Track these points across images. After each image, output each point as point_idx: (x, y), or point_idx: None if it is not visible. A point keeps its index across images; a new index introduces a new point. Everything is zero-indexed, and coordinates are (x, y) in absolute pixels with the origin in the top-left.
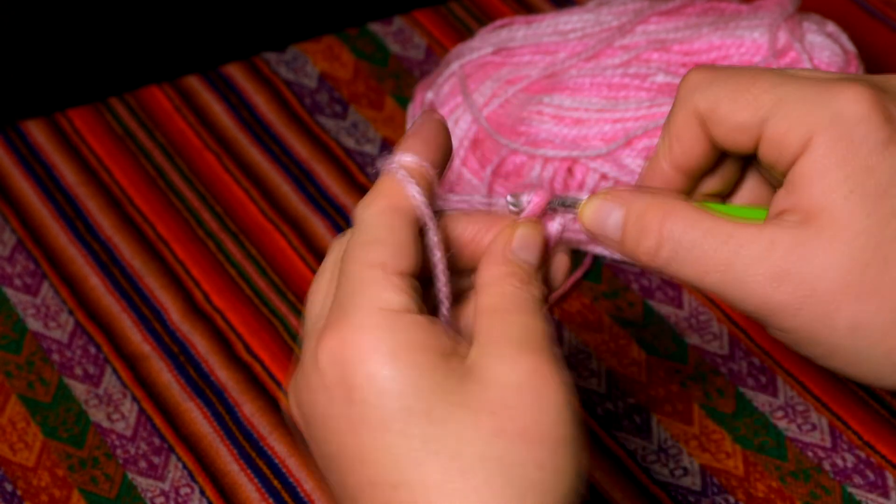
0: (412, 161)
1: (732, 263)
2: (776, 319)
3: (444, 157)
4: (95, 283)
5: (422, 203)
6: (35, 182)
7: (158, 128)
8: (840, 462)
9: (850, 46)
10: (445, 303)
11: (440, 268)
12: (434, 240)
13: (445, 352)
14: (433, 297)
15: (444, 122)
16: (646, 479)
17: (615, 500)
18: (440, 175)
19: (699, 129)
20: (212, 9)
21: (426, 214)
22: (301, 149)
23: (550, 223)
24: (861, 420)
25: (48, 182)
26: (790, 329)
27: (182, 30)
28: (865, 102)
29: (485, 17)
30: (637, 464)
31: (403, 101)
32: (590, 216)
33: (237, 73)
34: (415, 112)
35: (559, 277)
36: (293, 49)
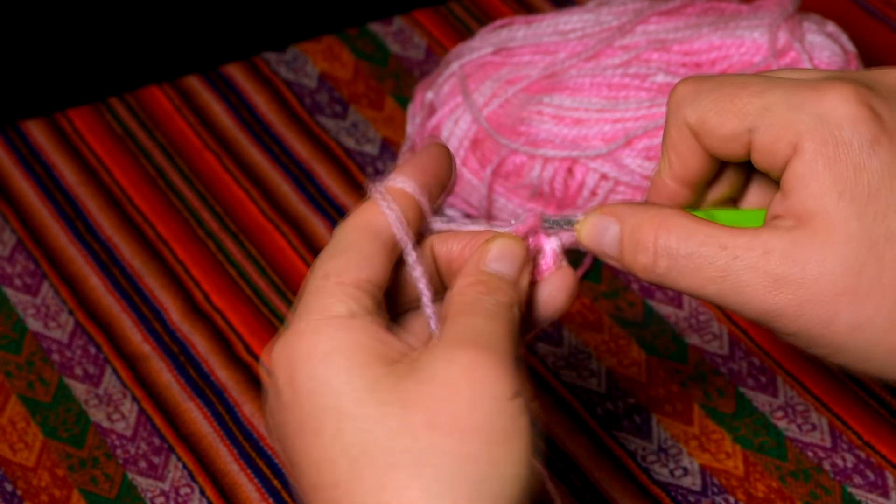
0: (398, 184)
1: (730, 272)
2: (779, 324)
3: (438, 183)
4: (95, 283)
5: (395, 219)
6: (35, 182)
7: (158, 128)
8: (840, 462)
9: (850, 46)
10: (434, 318)
11: (422, 284)
12: (411, 257)
13: (388, 354)
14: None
15: (445, 150)
16: (646, 479)
17: (615, 500)
18: (435, 199)
19: (693, 141)
20: (212, 9)
21: (400, 230)
22: (301, 149)
23: (547, 241)
24: (861, 420)
25: (48, 182)
26: (794, 332)
27: (182, 30)
28: (850, 102)
29: (485, 17)
30: (637, 464)
31: (403, 101)
32: (587, 233)
33: (237, 73)
34: (415, 112)
35: (560, 297)
36: (293, 49)
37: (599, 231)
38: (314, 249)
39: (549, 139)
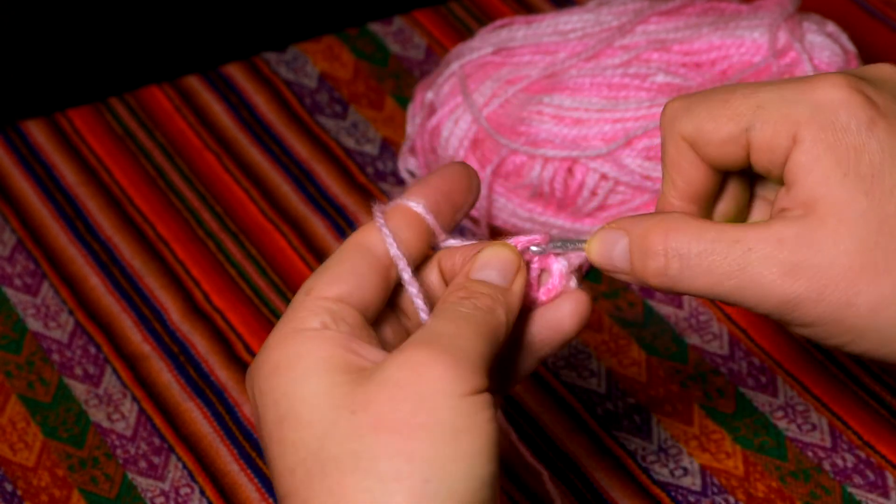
0: (404, 203)
1: (745, 266)
2: (798, 314)
3: (450, 203)
4: (95, 283)
5: (389, 238)
6: (35, 182)
7: (158, 128)
8: (840, 462)
9: (850, 46)
10: None
11: (418, 301)
12: (406, 274)
13: (356, 363)
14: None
15: (463, 171)
16: (646, 479)
17: (615, 500)
18: (448, 219)
19: (692, 154)
20: (212, 9)
21: (394, 248)
22: (301, 149)
23: (555, 261)
24: (861, 420)
25: (48, 182)
26: (813, 321)
27: (182, 30)
28: (843, 88)
29: (485, 17)
30: (637, 464)
31: (403, 101)
32: (597, 250)
33: (237, 73)
34: (415, 112)
35: (566, 321)
36: (293, 49)
37: (608, 247)
38: (314, 249)
39: (549, 139)
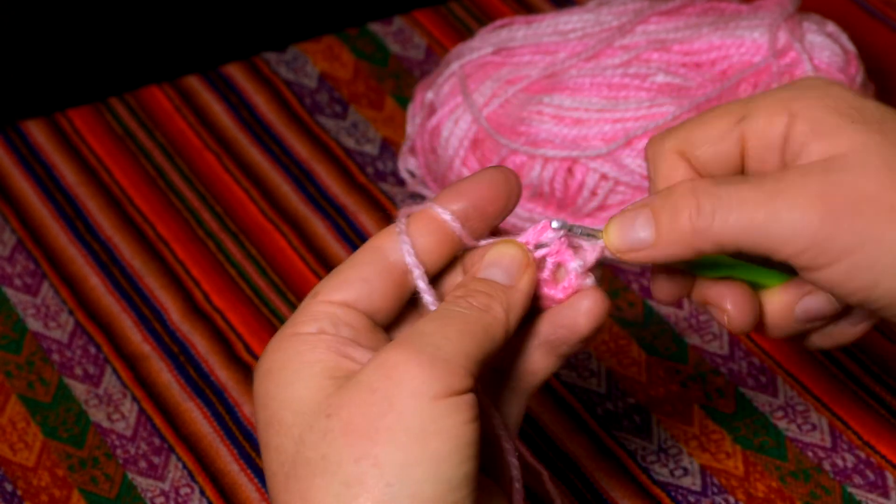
0: (431, 211)
1: (777, 193)
2: (829, 244)
3: (478, 210)
4: (95, 283)
5: (404, 244)
6: (35, 182)
7: (158, 128)
8: (840, 462)
9: (850, 46)
10: None
11: (434, 308)
12: (422, 282)
13: (348, 368)
14: None
15: (497, 177)
16: (646, 479)
17: (615, 500)
18: (477, 225)
19: (683, 164)
20: (212, 9)
21: (409, 256)
22: (301, 149)
23: (571, 259)
24: (861, 420)
25: (48, 182)
26: (841, 252)
27: (182, 30)
28: (826, 78)
29: (485, 17)
30: (637, 464)
31: (403, 101)
32: (616, 231)
33: (237, 73)
34: (415, 112)
35: (580, 321)
36: (293, 49)
37: (627, 223)
38: (314, 249)
39: (549, 139)
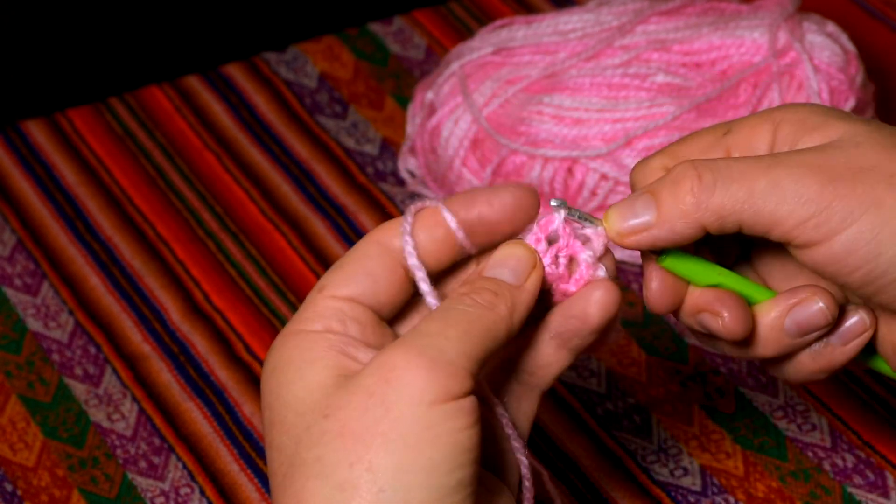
0: (438, 212)
1: (776, 163)
2: (835, 210)
3: (486, 227)
4: (95, 283)
5: (407, 244)
6: (35, 182)
7: (158, 128)
8: (840, 462)
9: (850, 46)
10: None
11: (432, 306)
12: (424, 284)
13: (351, 367)
14: None
15: (519, 197)
16: (646, 479)
17: (615, 500)
18: (484, 240)
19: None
20: (212, 9)
21: (411, 258)
22: (301, 149)
23: (582, 252)
24: (861, 420)
25: (48, 182)
26: (851, 215)
27: (182, 30)
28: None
29: (485, 17)
30: (637, 464)
31: (403, 101)
32: (616, 215)
33: (237, 73)
34: (415, 112)
35: (591, 311)
36: (293, 49)
37: (627, 208)
38: (314, 249)
39: (549, 139)
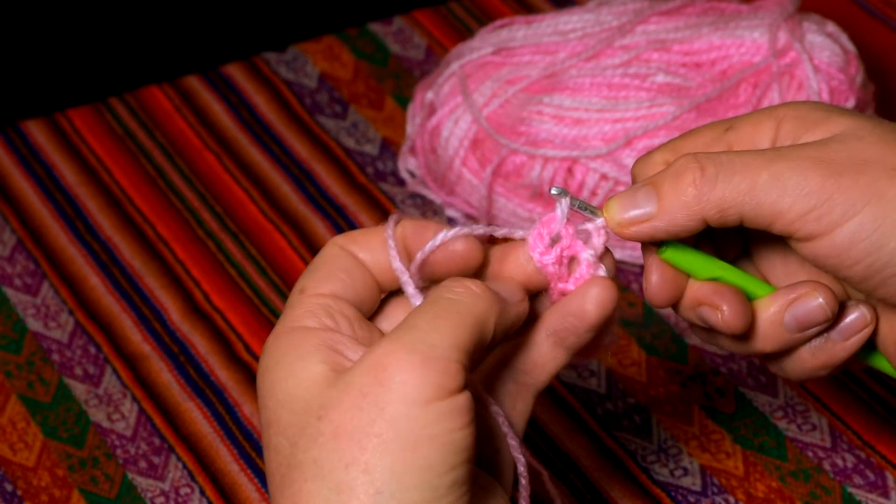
0: (381, 233)
1: (778, 157)
2: (837, 201)
3: (411, 255)
4: (95, 283)
5: (391, 249)
6: (35, 182)
7: (158, 128)
8: (840, 462)
9: (850, 46)
10: None
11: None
12: (410, 287)
13: (343, 364)
14: None
15: (463, 250)
16: (646, 479)
17: (615, 500)
18: (416, 271)
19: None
20: (212, 9)
21: (395, 261)
22: (301, 149)
23: (583, 251)
24: (861, 420)
25: (48, 182)
26: (853, 206)
27: (182, 30)
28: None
29: (485, 17)
30: (637, 464)
31: (403, 101)
32: (616, 206)
33: (237, 73)
34: (415, 112)
35: (588, 308)
36: (293, 49)
37: (628, 199)
38: (314, 249)
39: (549, 139)
